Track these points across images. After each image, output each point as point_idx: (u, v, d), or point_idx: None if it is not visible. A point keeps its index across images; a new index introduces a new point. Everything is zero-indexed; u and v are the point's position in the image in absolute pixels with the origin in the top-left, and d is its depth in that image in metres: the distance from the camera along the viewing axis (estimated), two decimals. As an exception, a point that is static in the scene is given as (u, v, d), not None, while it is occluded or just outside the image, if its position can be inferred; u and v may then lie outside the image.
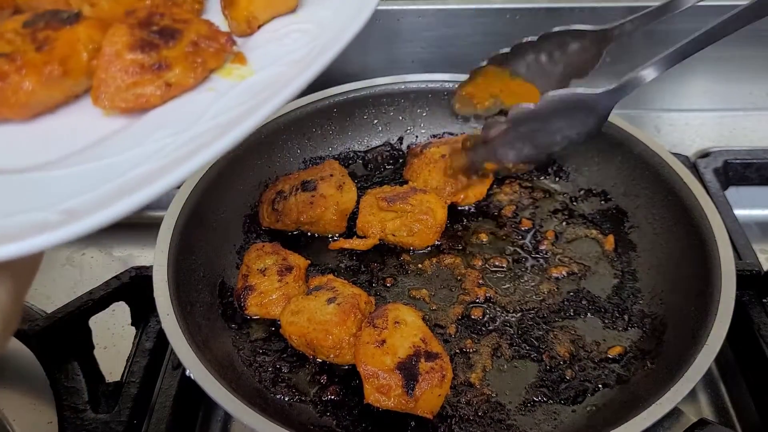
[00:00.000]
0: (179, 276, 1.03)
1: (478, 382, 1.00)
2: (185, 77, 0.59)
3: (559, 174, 1.32)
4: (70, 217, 0.47)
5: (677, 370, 0.90)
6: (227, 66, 0.62)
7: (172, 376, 1.02)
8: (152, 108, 0.59)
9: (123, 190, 0.49)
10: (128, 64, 0.58)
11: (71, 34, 0.60)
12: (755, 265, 1.13)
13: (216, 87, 0.60)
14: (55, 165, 0.55)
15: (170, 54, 0.58)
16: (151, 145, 0.54)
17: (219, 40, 0.61)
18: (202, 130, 0.54)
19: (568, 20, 1.54)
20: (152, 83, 0.58)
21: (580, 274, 1.15)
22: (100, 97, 0.58)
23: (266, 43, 0.66)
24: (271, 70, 0.61)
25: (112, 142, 0.57)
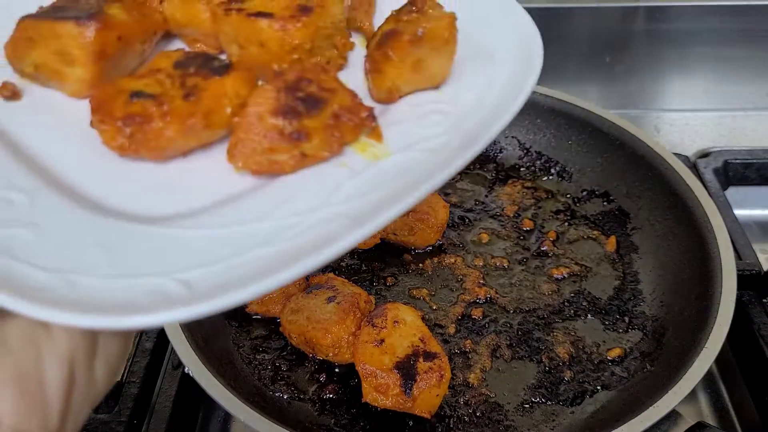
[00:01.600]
0: (179, 274, 1.03)
1: (476, 383, 1.00)
2: (321, 150, 0.58)
3: (561, 175, 1.32)
4: (188, 290, 0.47)
5: (676, 373, 0.90)
6: (362, 140, 0.60)
7: (172, 376, 1.02)
8: (283, 174, 0.58)
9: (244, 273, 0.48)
10: (269, 128, 0.57)
11: (219, 86, 0.59)
12: (755, 265, 1.13)
13: (349, 163, 0.58)
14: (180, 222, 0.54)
15: (311, 124, 0.57)
16: (279, 222, 0.53)
17: (360, 114, 0.59)
18: (332, 214, 0.53)
19: (568, 20, 1.54)
20: (288, 152, 0.57)
21: (582, 275, 1.15)
22: (236, 155, 0.57)
23: (404, 119, 0.63)
24: (407, 155, 0.59)
25: (239, 206, 0.56)
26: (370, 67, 0.65)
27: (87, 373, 0.48)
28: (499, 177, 1.33)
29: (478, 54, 0.66)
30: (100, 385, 0.50)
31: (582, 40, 1.58)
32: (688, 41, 1.57)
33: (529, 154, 1.35)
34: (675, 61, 1.60)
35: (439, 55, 0.64)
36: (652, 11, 1.54)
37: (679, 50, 1.58)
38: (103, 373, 0.50)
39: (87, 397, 0.49)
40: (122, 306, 0.46)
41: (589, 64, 1.61)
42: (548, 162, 1.34)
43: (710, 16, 1.54)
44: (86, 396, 0.49)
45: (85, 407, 0.50)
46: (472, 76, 0.66)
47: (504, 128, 0.59)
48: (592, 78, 1.63)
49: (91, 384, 0.49)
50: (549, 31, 1.59)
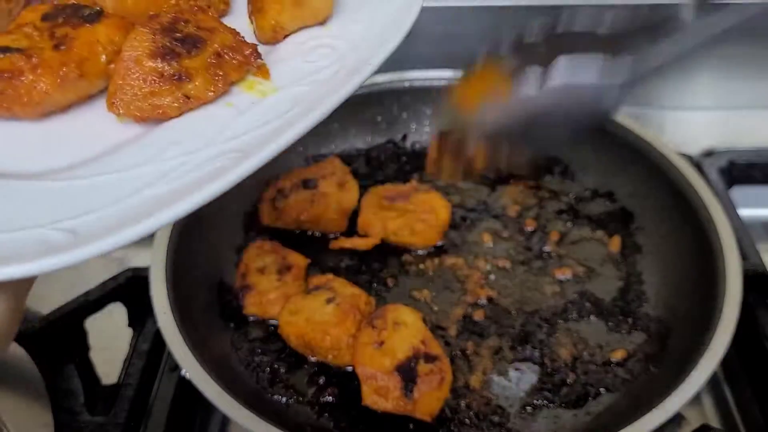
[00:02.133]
0: (177, 274, 1.02)
1: (478, 385, 0.99)
2: (205, 90, 0.57)
3: (564, 174, 1.31)
4: (74, 237, 0.46)
5: (680, 375, 0.89)
6: (249, 79, 0.59)
7: (169, 378, 1.01)
8: (168, 119, 0.57)
9: (131, 215, 0.47)
10: (147, 72, 0.56)
11: (91, 34, 0.58)
12: (760, 266, 1.12)
13: (235, 102, 0.58)
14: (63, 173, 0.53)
15: (191, 64, 0.57)
16: (166, 163, 0.52)
17: (244, 52, 0.59)
18: (219, 151, 0.52)
19: (571, 18, 1.53)
20: (171, 94, 0.56)
21: (585, 276, 1.14)
22: (116, 103, 0.56)
23: (291, 57, 0.63)
24: (295, 89, 0.59)
25: (124, 153, 0.55)
26: (252, 7, 0.65)
27: None
28: (501, 177, 1.32)
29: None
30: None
31: (585, 39, 1.57)
32: (693, 39, 1.56)
33: (531, 154, 1.34)
34: (676, 60, 1.59)
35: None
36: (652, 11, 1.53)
37: (681, 49, 1.57)
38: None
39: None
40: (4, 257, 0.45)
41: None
42: (551, 162, 1.33)
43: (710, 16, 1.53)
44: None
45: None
46: (356, 11, 0.66)
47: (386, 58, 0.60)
48: (593, 77, 1.62)
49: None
50: (550, 29, 1.58)
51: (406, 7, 0.63)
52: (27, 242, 0.46)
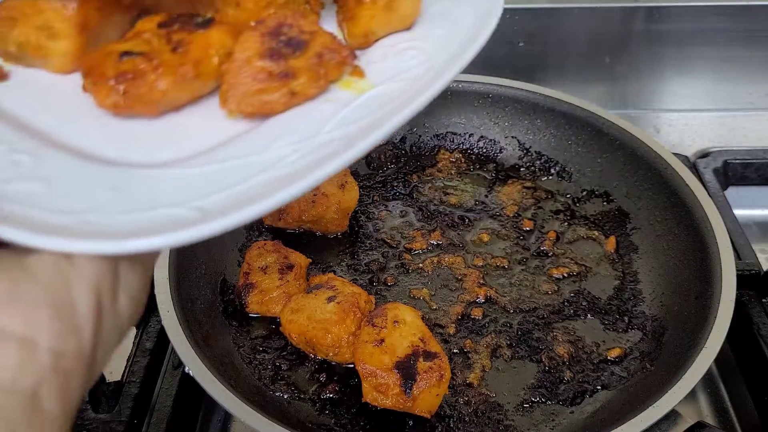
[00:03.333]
0: (180, 273, 1.03)
1: (476, 382, 1.00)
2: (309, 87, 0.60)
3: (561, 175, 1.32)
4: (203, 215, 0.49)
5: (676, 373, 0.90)
6: (346, 78, 0.63)
7: (172, 375, 1.02)
8: (275, 114, 0.60)
9: (252, 195, 0.50)
10: (257, 70, 0.59)
11: (204, 38, 0.62)
12: (755, 265, 1.13)
13: (335, 98, 0.61)
14: (183, 163, 0.57)
15: (296, 64, 0.60)
16: (276, 152, 0.56)
17: (341, 52, 0.62)
18: (325, 140, 0.56)
19: (568, 21, 1.55)
20: (278, 90, 0.60)
21: (581, 275, 1.15)
22: (228, 100, 0.60)
23: (382, 58, 0.66)
24: (390, 85, 0.62)
25: (238, 144, 0.58)
26: (344, 15, 0.68)
27: (112, 303, 0.51)
28: (499, 177, 1.34)
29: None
30: (125, 317, 0.53)
31: (582, 40, 1.58)
32: (688, 41, 1.57)
33: (529, 154, 1.35)
34: (675, 61, 1.60)
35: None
36: (652, 11, 1.54)
37: (679, 50, 1.58)
38: (127, 305, 0.53)
39: (114, 327, 0.52)
40: (140, 231, 0.48)
41: (589, 64, 1.61)
42: (548, 162, 1.34)
43: (710, 16, 1.54)
44: (113, 326, 0.51)
45: (113, 337, 0.52)
46: (440, 17, 0.69)
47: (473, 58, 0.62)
48: (592, 78, 1.63)
49: (117, 315, 0.52)
50: (549, 31, 1.60)
51: (487, 11, 0.66)
52: (160, 219, 0.49)
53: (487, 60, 1.57)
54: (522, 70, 1.60)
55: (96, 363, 0.50)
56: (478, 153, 1.38)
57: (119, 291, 0.52)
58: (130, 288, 0.53)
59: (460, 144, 1.39)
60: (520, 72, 1.58)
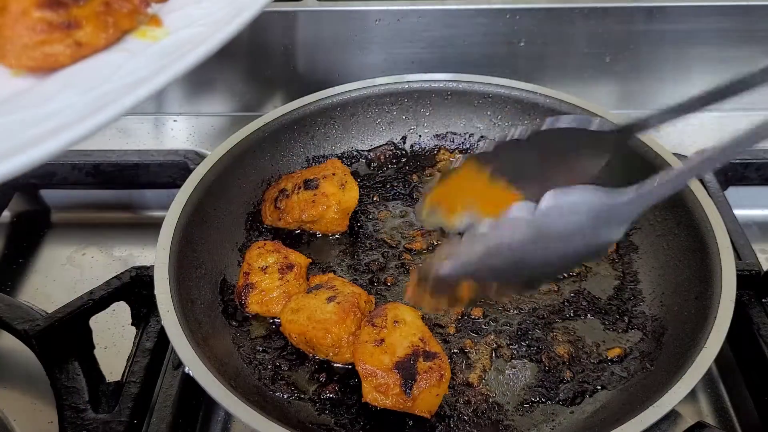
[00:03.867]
0: (180, 273, 1.03)
1: (476, 382, 1.00)
2: (96, 37, 0.58)
3: (561, 174, 1.32)
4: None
5: (676, 373, 0.90)
6: (142, 28, 0.61)
7: (172, 375, 1.02)
8: (62, 67, 0.58)
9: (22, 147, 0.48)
10: (36, 21, 0.56)
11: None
12: (755, 265, 1.13)
13: (129, 48, 0.59)
14: None
15: (80, 13, 0.57)
16: (58, 103, 0.53)
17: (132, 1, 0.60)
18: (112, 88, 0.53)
19: (568, 21, 1.54)
20: (61, 42, 0.57)
21: (581, 275, 1.15)
22: (6, 55, 0.57)
23: (183, 6, 0.65)
24: (189, 30, 0.60)
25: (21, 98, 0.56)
26: None
27: None
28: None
29: None
30: None
31: (582, 40, 1.58)
32: (688, 41, 1.57)
33: (529, 154, 1.35)
34: (675, 61, 1.60)
35: None
36: (652, 11, 1.54)
37: (679, 50, 1.58)
38: None
39: None
40: None
41: (589, 64, 1.61)
42: (548, 162, 1.34)
43: (710, 16, 1.54)
44: None
45: None
46: None
47: None
48: (592, 78, 1.63)
49: None
50: (549, 31, 1.60)
51: None
52: None
53: (487, 60, 1.58)
54: (522, 70, 1.60)
55: None
56: (478, 153, 1.38)
57: None
58: None
59: (460, 144, 1.39)
60: (520, 72, 1.58)
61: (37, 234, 1.42)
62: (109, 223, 1.44)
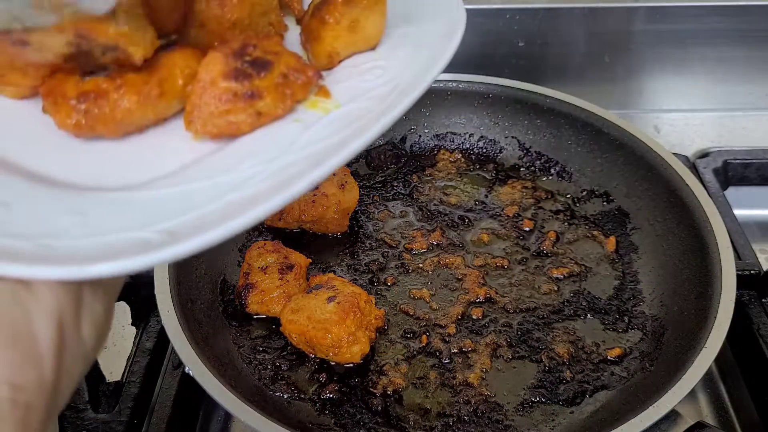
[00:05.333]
0: (180, 273, 1.03)
1: (476, 382, 1.00)
2: (275, 107, 0.60)
3: (561, 175, 1.32)
4: (170, 237, 0.48)
5: (676, 373, 0.90)
6: (312, 98, 0.63)
7: (172, 375, 1.02)
8: (241, 135, 0.60)
9: (220, 215, 0.49)
10: (222, 91, 0.58)
11: (168, 58, 0.61)
12: (755, 265, 1.13)
13: (302, 118, 0.61)
14: (149, 186, 0.56)
15: (261, 84, 0.59)
16: (243, 172, 0.55)
17: (307, 73, 0.62)
18: (292, 160, 0.55)
19: (568, 21, 1.55)
20: (244, 111, 0.59)
21: (581, 275, 1.16)
22: (193, 121, 0.59)
23: (347, 78, 0.66)
24: (356, 104, 0.62)
25: (204, 166, 0.58)
26: (308, 36, 0.68)
27: (75, 331, 0.49)
28: (499, 177, 1.34)
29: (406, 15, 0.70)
30: (89, 346, 0.51)
31: (582, 40, 1.58)
32: (688, 41, 1.57)
33: (529, 155, 1.36)
34: (675, 61, 1.60)
35: (373, 13, 0.68)
36: (652, 11, 1.54)
37: (679, 50, 1.58)
38: (91, 333, 0.51)
39: (78, 356, 0.50)
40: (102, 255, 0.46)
41: (589, 64, 1.61)
42: (548, 162, 1.34)
43: (710, 16, 1.54)
44: (77, 355, 0.50)
45: (78, 367, 0.50)
46: (403, 37, 0.69)
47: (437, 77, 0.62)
48: (592, 78, 1.63)
49: (80, 343, 0.50)
50: (549, 31, 1.60)
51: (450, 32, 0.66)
52: (124, 243, 0.48)
53: (487, 60, 1.58)
54: (522, 70, 1.60)
55: (60, 394, 0.48)
56: (478, 153, 1.38)
57: (82, 318, 0.50)
58: (94, 314, 0.51)
59: (460, 144, 1.39)
60: (520, 72, 1.59)
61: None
62: (109, 223, 1.44)
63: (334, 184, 1.20)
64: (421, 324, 1.08)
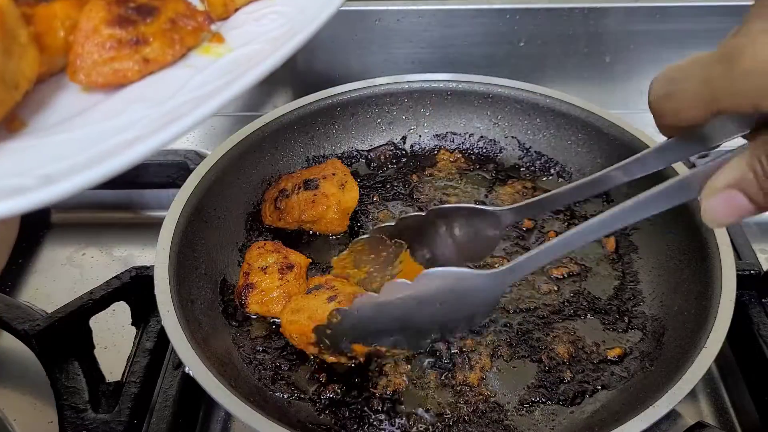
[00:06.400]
0: (180, 273, 1.03)
1: (476, 382, 1.00)
2: (163, 53, 0.59)
3: (561, 175, 1.32)
4: (47, 181, 0.47)
5: (676, 373, 0.90)
6: (205, 44, 0.63)
7: (172, 375, 1.02)
8: (130, 83, 0.59)
9: (100, 157, 0.49)
10: (106, 38, 0.58)
11: (48, 10, 0.60)
12: (755, 265, 1.13)
13: (194, 63, 0.61)
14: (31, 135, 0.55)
15: (148, 30, 0.59)
16: (129, 117, 0.55)
17: (196, 18, 0.62)
18: (180, 102, 0.55)
19: (568, 21, 1.55)
20: (130, 58, 0.58)
21: (581, 275, 1.15)
22: (77, 72, 0.58)
23: (243, 23, 0.66)
24: (250, 47, 0.62)
25: (89, 114, 0.57)
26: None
27: None
28: (499, 177, 1.34)
29: None
30: None
31: (582, 40, 1.58)
32: (688, 41, 1.57)
33: (529, 154, 1.36)
34: (674, 61, 1.59)
35: None
36: (652, 11, 1.54)
37: (679, 50, 1.58)
38: None
39: None
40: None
41: (589, 64, 1.61)
42: (548, 162, 1.34)
43: (710, 16, 1.54)
44: None
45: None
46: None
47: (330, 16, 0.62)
48: (592, 78, 1.63)
49: None
50: (549, 31, 1.60)
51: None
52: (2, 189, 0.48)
53: (487, 60, 1.58)
54: (522, 70, 1.60)
55: None
56: (478, 153, 1.38)
57: None
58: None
59: (460, 144, 1.39)
60: (520, 72, 1.59)
61: (37, 234, 1.42)
62: (109, 223, 1.44)
63: (334, 184, 1.20)
64: (421, 324, 1.08)
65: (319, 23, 0.60)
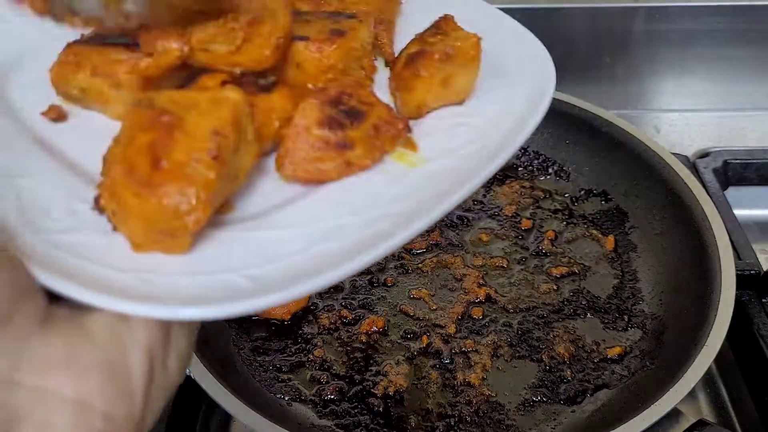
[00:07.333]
0: (180, 274, 1.03)
1: (477, 382, 1.00)
2: (364, 158, 0.61)
3: (559, 174, 1.32)
4: (259, 286, 0.49)
5: (677, 371, 0.90)
6: (400, 150, 0.64)
7: (172, 376, 1.02)
8: (329, 182, 0.61)
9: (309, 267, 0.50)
10: (315, 139, 0.59)
11: (267, 103, 0.62)
12: (755, 265, 1.13)
13: (389, 170, 0.62)
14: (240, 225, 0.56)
15: (354, 134, 0.60)
16: (331, 222, 0.55)
17: (397, 125, 0.63)
18: (379, 214, 0.56)
19: (568, 21, 1.55)
20: (334, 160, 0.60)
21: (581, 274, 1.15)
22: (284, 164, 0.60)
23: (434, 132, 0.67)
24: (442, 162, 0.62)
25: (294, 210, 0.58)
26: (398, 85, 0.68)
27: (162, 365, 0.51)
28: (497, 177, 1.33)
29: (496, 73, 0.70)
30: (173, 377, 0.52)
31: (582, 40, 1.58)
32: (688, 41, 1.57)
33: (527, 154, 1.36)
34: (675, 61, 1.60)
35: (466, 71, 0.68)
36: (652, 11, 1.54)
37: (678, 50, 1.58)
38: (175, 365, 0.52)
39: (162, 388, 0.51)
40: (196, 298, 0.48)
41: (589, 64, 1.61)
42: (546, 161, 1.34)
43: (710, 16, 1.54)
44: (162, 387, 0.51)
45: (161, 399, 0.51)
46: (492, 92, 0.69)
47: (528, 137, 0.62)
48: (592, 78, 1.63)
49: (166, 375, 0.51)
50: (549, 31, 1.60)
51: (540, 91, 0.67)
52: (216, 286, 0.49)
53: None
54: (521, 70, 1.60)
55: (144, 424, 0.49)
56: (477, 153, 1.38)
57: (169, 352, 0.51)
58: (179, 348, 0.53)
59: (460, 144, 1.39)
60: (520, 72, 1.58)
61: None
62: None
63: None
64: (422, 324, 1.08)
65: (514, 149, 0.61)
